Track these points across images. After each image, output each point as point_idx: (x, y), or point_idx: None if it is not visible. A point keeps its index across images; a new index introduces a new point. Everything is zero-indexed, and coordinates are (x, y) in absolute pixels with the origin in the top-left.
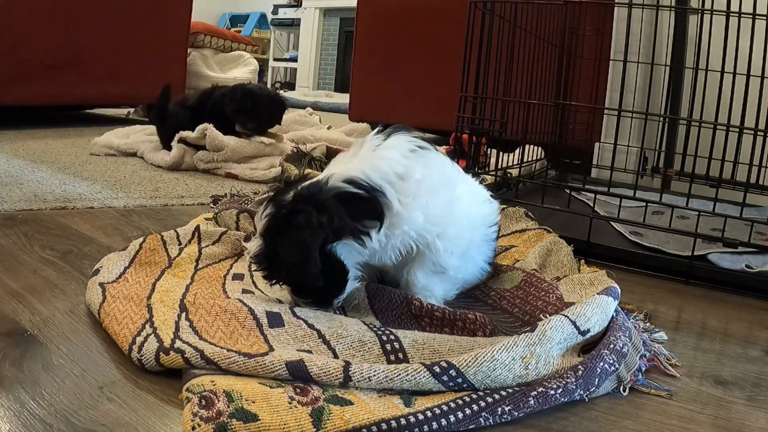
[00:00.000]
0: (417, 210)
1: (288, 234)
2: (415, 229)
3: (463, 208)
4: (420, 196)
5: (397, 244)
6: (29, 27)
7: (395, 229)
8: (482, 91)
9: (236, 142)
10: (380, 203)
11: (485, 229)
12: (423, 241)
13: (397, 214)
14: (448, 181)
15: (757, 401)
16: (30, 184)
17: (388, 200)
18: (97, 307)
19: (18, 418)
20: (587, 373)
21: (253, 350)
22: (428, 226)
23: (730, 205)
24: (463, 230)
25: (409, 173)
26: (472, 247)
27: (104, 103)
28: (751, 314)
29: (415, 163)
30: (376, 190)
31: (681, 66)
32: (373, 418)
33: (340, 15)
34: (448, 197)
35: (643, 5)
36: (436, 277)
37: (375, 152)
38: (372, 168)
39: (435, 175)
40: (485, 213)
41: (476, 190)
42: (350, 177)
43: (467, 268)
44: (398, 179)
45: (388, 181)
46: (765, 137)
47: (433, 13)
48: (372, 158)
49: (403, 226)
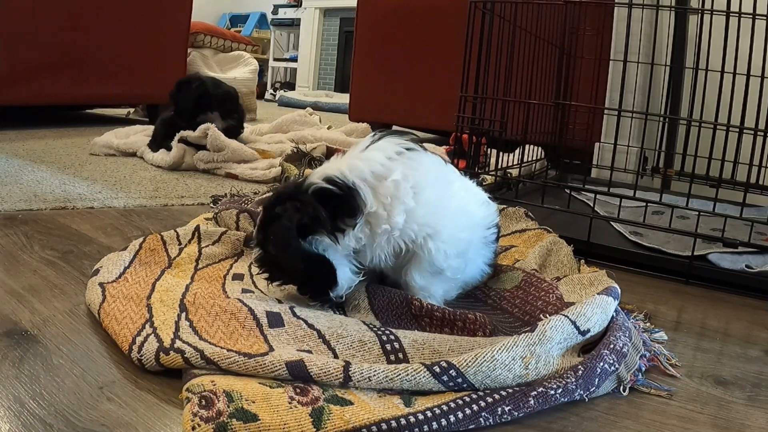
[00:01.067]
0: (396, 210)
1: (271, 227)
2: (398, 229)
3: (457, 206)
4: (399, 196)
5: (383, 243)
6: (29, 27)
7: (376, 228)
8: (482, 91)
9: (237, 143)
10: (355, 201)
11: (484, 230)
12: (411, 241)
13: (374, 213)
14: (436, 181)
15: (757, 401)
16: (30, 184)
17: (362, 199)
18: (97, 307)
19: (18, 418)
20: (587, 373)
21: (253, 350)
22: (413, 226)
23: (730, 205)
24: (459, 231)
25: (388, 174)
26: (471, 248)
27: (104, 103)
28: (751, 314)
29: (396, 164)
30: (350, 188)
31: (681, 66)
32: (373, 418)
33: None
34: (435, 195)
35: (643, 5)
36: (434, 277)
37: (361, 153)
38: (350, 167)
39: (418, 175)
40: (483, 214)
41: (473, 191)
42: (328, 175)
43: (467, 269)
44: (375, 179)
45: (363, 179)
46: (765, 137)
47: (433, 13)
48: (354, 158)
49: (382, 225)
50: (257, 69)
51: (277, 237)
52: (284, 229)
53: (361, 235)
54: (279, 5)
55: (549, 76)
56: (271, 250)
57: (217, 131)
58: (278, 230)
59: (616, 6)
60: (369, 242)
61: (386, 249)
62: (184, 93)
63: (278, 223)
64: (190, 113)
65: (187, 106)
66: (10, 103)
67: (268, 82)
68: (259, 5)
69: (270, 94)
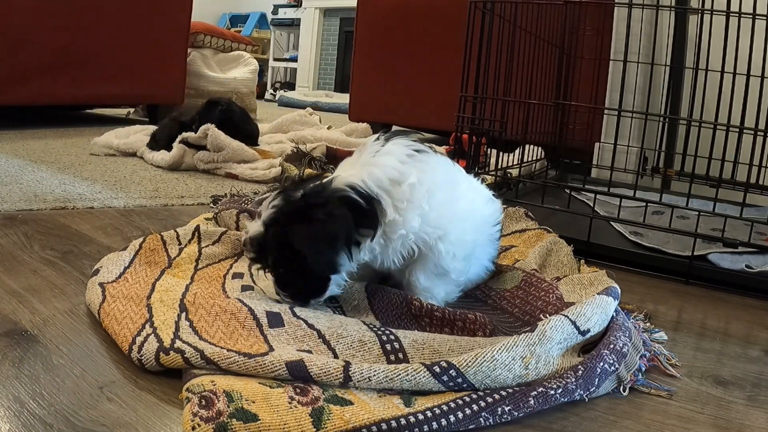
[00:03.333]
0: (412, 213)
1: (307, 226)
2: (413, 233)
3: (465, 208)
4: (415, 200)
5: (397, 247)
6: (29, 27)
7: (392, 234)
8: (482, 91)
9: (238, 143)
10: (376, 212)
11: (489, 228)
12: (423, 243)
13: (392, 221)
14: (446, 182)
15: (757, 401)
16: (30, 183)
17: (383, 209)
18: (97, 307)
19: (18, 418)
20: (587, 373)
21: (253, 350)
22: (427, 228)
23: (730, 205)
24: (466, 232)
25: (404, 178)
26: (477, 248)
27: (104, 103)
28: (751, 314)
29: (410, 167)
30: (373, 199)
31: (681, 66)
32: (373, 418)
33: (340, 15)
34: (446, 197)
35: (643, 5)
36: (438, 279)
37: (374, 158)
38: (369, 176)
39: (431, 177)
40: (489, 212)
41: (479, 189)
42: (351, 183)
43: (471, 269)
44: (393, 185)
45: (384, 188)
46: (765, 137)
47: (433, 13)
48: (370, 165)
49: (399, 230)
50: (257, 69)
51: (320, 239)
52: (330, 234)
53: (376, 246)
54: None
55: (549, 76)
56: (302, 246)
57: (218, 131)
58: (321, 233)
59: (616, 6)
60: (383, 250)
61: (399, 253)
62: (209, 113)
63: (321, 226)
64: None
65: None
66: (10, 103)
67: (268, 82)
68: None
69: (270, 94)
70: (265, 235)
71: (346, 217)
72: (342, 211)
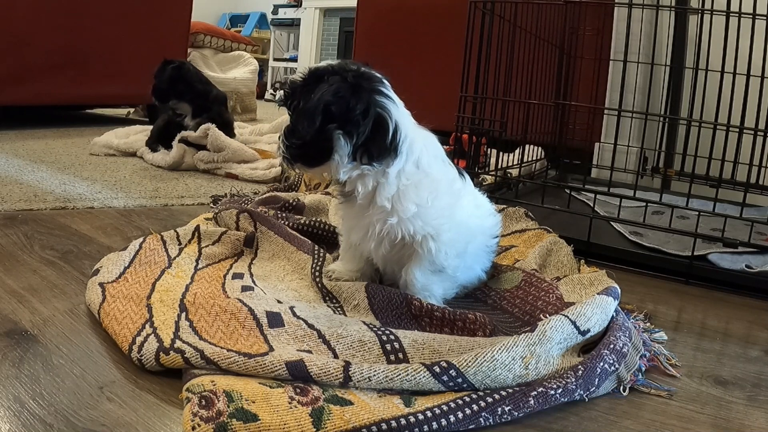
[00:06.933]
0: (410, 198)
1: (335, 86)
2: (406, 217)
3: (462, 217)
4: (421, 190)
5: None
6: (29, 27)
7: (383, 189)
8: (482, 91)
9: (238, 144)
10: (390, 153)
11: (487, 239)
12: (409, 232)
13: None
14: (454, 193)
15: (757, 401)
16: (30, 183)
17: (398, 139)
18: (97, 307)
19: (18, 418)
20: (587, 373)
21: (253, 350)
22: (418, 222)
23: (730, 205)
24: (459, 239)
25: (428, 169)
26: (470, 252)
27: (104, 103)
28: (751, 314)
29: (439, 166)
30: (403, 144)
31: (681, 66)
32: (373, 418)
33: (340, 15)
34: (447, 204)
35: (643, 5)
36: (435, 276)
37: (424, 132)
38: (413, 127)
39: (445, 182)
40: (488, 225)
41: (481, 203)
42: (397, 119)
43: (463, 276)
44: (415, 164)
45: (414, 155)
46: (765, 137)
47: (433, 13)
48: (418, 129)
49: (389, 191)
50: (257, 69)
51: (337, 93)
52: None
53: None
54: (279, 5)
55: (549, 76)
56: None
57: (218, 131)
58: (341, 89)
59: (616, 6)
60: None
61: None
62: (162, 72)
63: (345, 87)
64: (163, 93)
65: (161, 86)
66: (10, 103)
67: (268, 82)
68: (259, 5)
69: (270, 94)
70: (301, 82)
71: (370, 105)
72: (375, 107)
